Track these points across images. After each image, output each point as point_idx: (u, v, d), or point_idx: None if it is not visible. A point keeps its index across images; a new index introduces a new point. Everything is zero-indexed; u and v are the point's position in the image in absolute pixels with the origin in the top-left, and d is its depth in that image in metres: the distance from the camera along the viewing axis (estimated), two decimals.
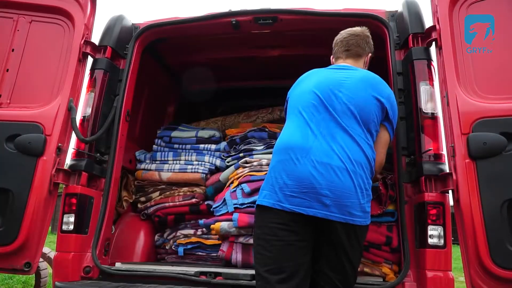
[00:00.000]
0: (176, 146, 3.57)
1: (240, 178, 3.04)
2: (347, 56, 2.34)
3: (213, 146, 3.49)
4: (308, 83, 2.22)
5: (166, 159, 3.54)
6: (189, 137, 3.55)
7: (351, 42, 2.35)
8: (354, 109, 2.04)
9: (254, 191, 2.87)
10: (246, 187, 2.92)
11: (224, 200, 3.00)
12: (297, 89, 2.27)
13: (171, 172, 3.43)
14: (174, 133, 3.59)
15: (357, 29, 2.40)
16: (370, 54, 2.39)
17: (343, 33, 2.41)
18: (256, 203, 2.06)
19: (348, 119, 2.02)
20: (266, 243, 1.94)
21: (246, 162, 3.11)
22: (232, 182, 3.12)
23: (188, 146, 3.53)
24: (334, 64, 2.38)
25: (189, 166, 3.41)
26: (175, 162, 3.49)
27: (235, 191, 3.00)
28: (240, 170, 3.11)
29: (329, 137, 1.98)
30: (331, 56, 2.47)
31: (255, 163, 3.06)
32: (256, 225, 2.06)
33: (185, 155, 3.51)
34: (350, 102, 2.05)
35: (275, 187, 1.97)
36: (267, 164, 3.02)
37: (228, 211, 2.91)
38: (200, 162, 3.43)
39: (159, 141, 3.63)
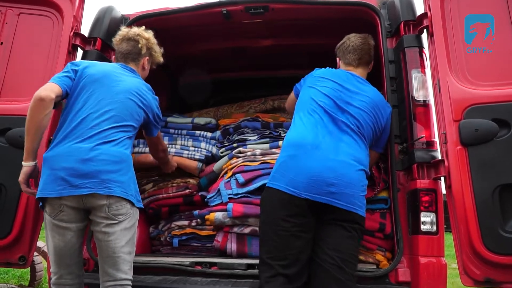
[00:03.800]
0: (171, 131, 3.50)
1: (234, 169, 3.04)
2: (359, 64, 2.54)
3: (209, 134, 3.45)
4: (328, 85, 2.41)
5: None
6: (185, 122, 3.49)
7: (365, 51, 2.56)
8: (360, 123, 2.30)
9: (248, 181, 2.88)
10: (240, 178, 2.92)
11: (218, 190, 2.99)
12: (316, 87, 2.43)
13: None
14: (170, 119, 3.53)
15: (364, 36, 2.60)
16: (373, 62, 2.62)
17: (355, 40, 2.58)
18: (266, 185, 2.25)
19: (353, 127, 2.27)
20: (272, 232, 2.13)
21: (240, 152, 3.11)
22: (226, 173, 3.12)
23: (184, 132, 3.47)
24: (345, 69, 2.56)
25: (185, 151, 3.35)
26: (170, 145, 3.40)
27: (229, 181, 2.99)
28: (234, 160, 3.10)
29: (337, 137, 2.22)
30: (338, 58, 2.65)
31: (248, 153, 3.06)
32: (263, 210, 2.23)
33: (181, 140, 3.44)
34: (358, 116, 2.30)
35: (285, 175, 2.16)
36: (261, 154, 3.03)
37: (222, 202, 2.92)
38: (196, 148, 3.38)
39: None
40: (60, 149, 2.12)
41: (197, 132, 3.46)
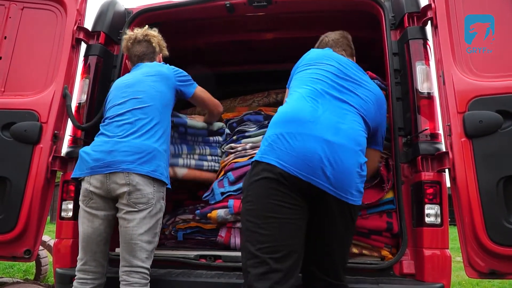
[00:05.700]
0: (189, 137, 3.04)
1: (226, 167, 3.02)
2: (347, 55, 2.44)
3: (221, 139, 3.26)
4: (332, 64, 2.22)
5: (180, 152, 2.97)
6: (202, 128, 3.06)
7: (345, 43, 2.48)
8: (367, 106, 2.11)
9: (238, 179, 2.87)
10: (231, 176, 2.91)
11: (212, 189, 2.99)
12: (318, 65, 2.24)
13: (186, 168, 2.98)
14: (190, 122, 2.96)
15: (340, 31, 2.54)
16: (355, 57, 2.53)
17: (332, 35, 2.52)
18: (254, 159, 1.95)
19: (358, 107, 2.06)
20: (261, 218, 1.83)
21: (232, 148, 3.09)
22: (221, 170, 3.11)
23: (200, 139, 3.12)
24: None
25: (205, 163, 3.09)
26: (189, 156, 3.01)
27: (222, 179, 2.99)
28: (227, 157, 3.09)
29: (339, 115, 1.98)
30: None
31: (239, 148, 3.04)
32: (249, 193, 1.92)
33: (199, 149, 3.08)
34: (364, 100, 2.11)
35: (274, 151, 1.89)
36: (251, 148, 3.01)
37: (216, 200, 2.91)
38: (214, 157, 3.16)
39: (172, 132, 2.86)
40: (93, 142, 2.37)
41: (211, 138, 3.19)
